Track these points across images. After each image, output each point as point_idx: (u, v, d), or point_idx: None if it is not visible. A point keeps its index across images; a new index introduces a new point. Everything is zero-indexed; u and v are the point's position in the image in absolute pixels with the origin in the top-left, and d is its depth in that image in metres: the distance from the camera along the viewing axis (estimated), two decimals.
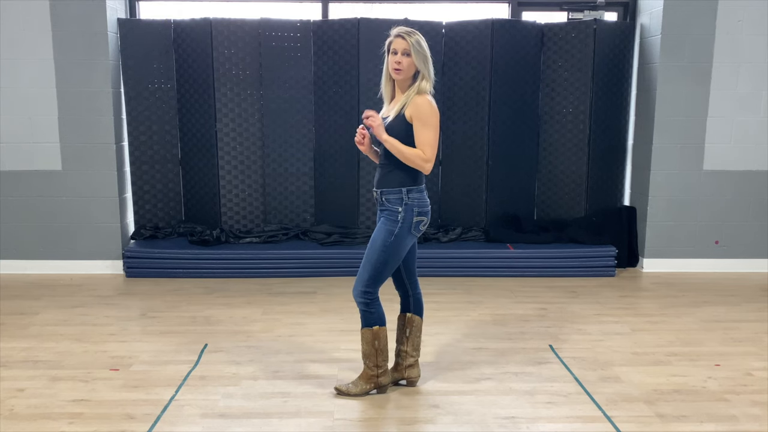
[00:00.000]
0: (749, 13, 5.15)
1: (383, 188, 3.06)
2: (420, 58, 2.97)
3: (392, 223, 3.02)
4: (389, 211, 3.04)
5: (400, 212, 3.02)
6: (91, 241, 5.27)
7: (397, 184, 3.02)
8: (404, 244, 3.05)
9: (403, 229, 3.02)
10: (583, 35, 5.38)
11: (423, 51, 2.96)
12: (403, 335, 3.28)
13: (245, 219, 5.57)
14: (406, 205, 3.02)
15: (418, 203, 3.04)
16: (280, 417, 2.99)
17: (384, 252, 3.03)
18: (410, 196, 3.03)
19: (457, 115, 5.54)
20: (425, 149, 2.95)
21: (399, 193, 3.02)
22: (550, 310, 4.50)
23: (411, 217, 3.02)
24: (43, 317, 4.30)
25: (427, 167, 2.98)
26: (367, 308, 3.10)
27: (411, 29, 3.00)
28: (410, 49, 2.95)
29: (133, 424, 2.91)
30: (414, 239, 3.10)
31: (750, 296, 4.85)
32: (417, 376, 3.30)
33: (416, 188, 3.04)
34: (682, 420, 2.98)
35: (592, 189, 5.61)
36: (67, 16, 4.97)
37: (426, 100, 2.96)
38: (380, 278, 3.07)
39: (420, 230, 3.09)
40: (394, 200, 3.03)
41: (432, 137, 2.95)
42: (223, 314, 4.36)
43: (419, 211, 3.04)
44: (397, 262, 3.08)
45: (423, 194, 3.08)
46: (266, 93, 5.40)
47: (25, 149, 5.14)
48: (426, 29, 5.41)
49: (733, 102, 5.28)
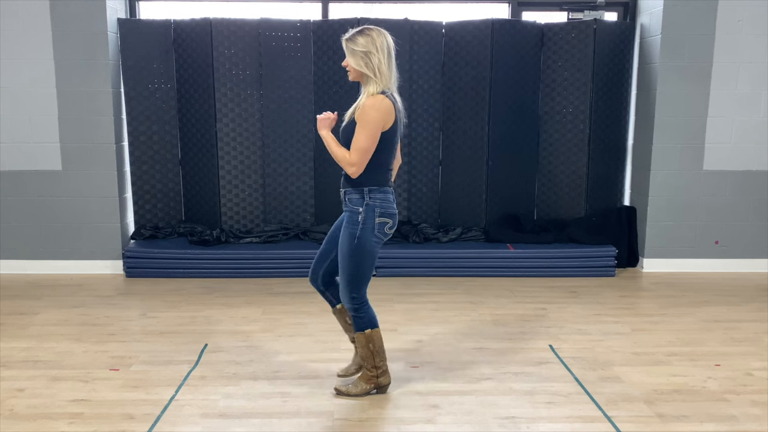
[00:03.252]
0: (749, 13, 5.15)
1: (346, 188, 3.02)
2: (357, 59, 2.90)
3: (353, 226, 2.97)
4: (351, 211, 2.99)
5: (361, 213, 2.96)
6: (91, 241, 5.27)
7: (359, 183, 2.97)
8: (371, 244, 2.98)
9: (366, 231, 2.96)
10: (583, 35, 5.38)
11: (360, 50, 2.88)
12: (347, 324, 3.27)
13: (245, 219, 5.57)
14: (367, 206, 2.96)
15: (381, 204, 2.98)
16: (280, 417, 2.99)
17: (353, 257, 2.98)
18: (372, 196, 2.97)
19: (457, 115, 5.54)
20: (352, 153, 2.88)
21: (360, 192, 2.97)
22: (550, 310, 4.50)
23: (372, 218, 2.96)
24: (43, 317, 4.30)
25: (350, 170, 2.90)
26: (357, 313, 3.09)
27: (363, 28, 2.91)
28: (346, 52, 2.92)
29: (133, 424, 2.91)
30: (380, 242, 3.02)
31: (750, 296, 4.85)
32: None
33: (379, 189, 2.98)
34: (682, 420, 2.98)
35: (592, 189, 5.61)
36: (67, 16, 4.97)
37: (372, 104, 2.86)
38: (360, 282, 3.03)
39: (386, 233, 3.01)
40: (356, 200, 2.98)
41: (363, 141, 2.86)
42: (223, 314, 4.36)
43: (381, 212, 2.98)
44: (372, 261, 3.02)
45: (387, 195, 3.01)
46: (266, 93, 5.40)
47: (25, 149, 5.14)
48: (426, 29, 5.43)
49: (733, 102, 5.28)
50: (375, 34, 2.90)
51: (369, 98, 2.88)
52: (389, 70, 2.92)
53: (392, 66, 2.94)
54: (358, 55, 2.89)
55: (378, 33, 2.91)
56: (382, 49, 2.89)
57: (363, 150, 2.87)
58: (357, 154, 2.88)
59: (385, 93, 2.91)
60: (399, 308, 4.50)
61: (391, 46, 2.94)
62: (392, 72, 2.94)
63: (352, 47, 2.91)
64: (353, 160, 2.89)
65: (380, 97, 2.88)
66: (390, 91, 2.94)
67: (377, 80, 2.90)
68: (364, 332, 3.11)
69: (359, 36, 2.90)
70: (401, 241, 5.48)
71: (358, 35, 2.91)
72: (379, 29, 2.93)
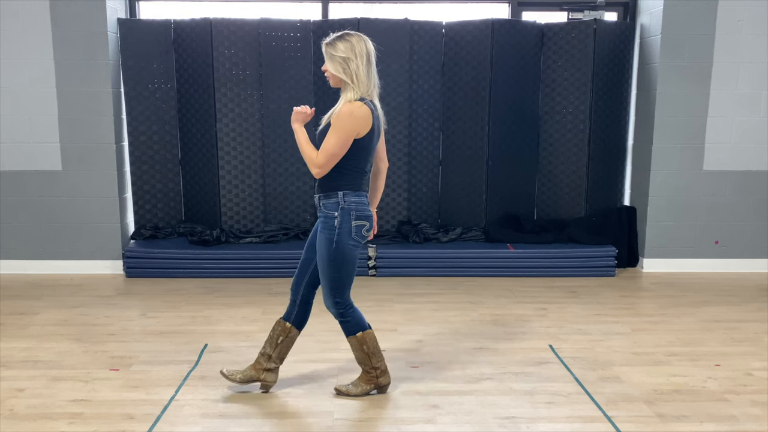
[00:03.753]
0: (749, 13, 5.15)
1: (320, 193, 2.99)
2: (335, 65, 2.88)
3: (330, 231, 2.95)
4: (326, 216, 2.97)
5: (336, 217, 2.94)
6: (91, 241, 5.27)
7: (334, 188, 2.95)
8: (349, 248, 2.96)
9: (342, 235, 2.94)
10: (583, 35, 5.38)
11: (339, 56, 2.86)
12: (275, 341, 3.16)
13: (245, 219, 5.57)
14: (342, 209, 2.94)
15: (356, 207, 2.95)
16: (280, 417, 2.99)
17: (332, 262, 2.96)
18: (347, 199, 2.94)
19: (457, 115, 5.54)
20: (320, 154, 2.86)
21: (335, 197, 2.95)
22: (550, 310, 4.50)
23: (349, 221, 2.94)
24: (43, 317, 4.30)
25: (315, 171, 2.89)
26: (343, 318, 3.08)
27: (343, 34, 2.90)
28: (326, 57, 2.91)
29: (133, 424, 2.91)
30: (359, 245, 3.00)
31: (750, 296, 4.85)
32: (273, 382, 3.20)
33: (353, 192, 2.96)
34: (682, 420, 2.98)
35: (592, 189, 5.61)
36: (67, 16, 4.97)
37: (348, 111, 2.83)
38: (343, 287, 3.02)
39: (363, 236, 2.99)
40: (331, 204, 2.96)
41: (333, 146, 2.84)
42: (223, 314, 4.36)
43: (357, 215, 2.95)
44: (352, 264, 3.00)
45: (362, 198, 2.98)
46: (266, 93, 5.40)
47: (25, 149, 5.14)
48: (426, 29, 5.43)
49: (733, 102, 5.28)
50: (355, 40, 2.88)
51: (346, 104, 2.86)
52: (368, 77, 2.90)
53: (371, 73, 2.92)
54: (337, 60, 2.87)
55: (358, 39, 2.89)
56: (361, 56, 2.87)
57: (331, 154, 2.86)
58: (324, 156, 2.86)
59: (363, 100, 2.89)
60: (399, 308, 4.50)
61: (371, 52, 2.92)
62: (371, 79, 2.92)
63: (331, 52, 2.89)
64: (319, 162, 2.87)
65: (358, 104, 2.86)
66: (369, 98, 2.92)
67: (355, 87, 2.88)
68: (356, 336, 3.10)
69: (339, 41, 2.88)
70: (401, 241, 5.48)
71: (338, 40, 2.88)
72: (359, 35, 2.91)
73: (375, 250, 5.27)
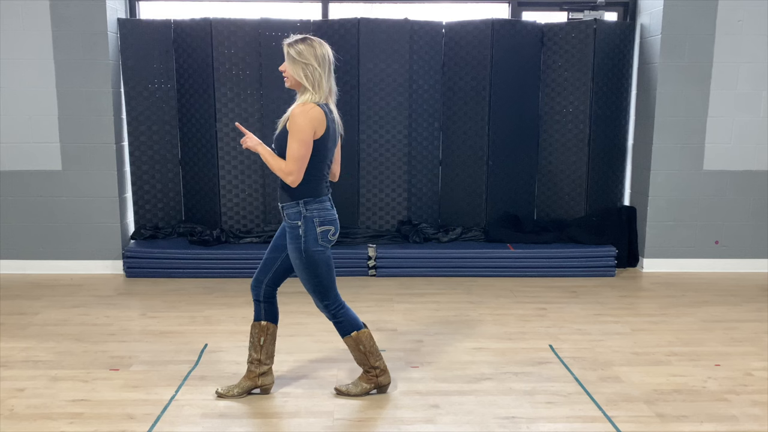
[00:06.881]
0: (749, 13, 5.15)
1: (282, 203, 3.00)
2: (297, 68, 2.87)
3: (296, 240, 2.96)
4: (291, 226, 2.97)
5: (300, 226, 2.94)
6: (91, 241, 5.27)
7: (295, 197, 2.95)
8: (318, 253, 2.96)
9: (309, 242, 2.94)
10: (583, 35, 5.38)
11: (301, 60, 2.86)
12: (258, 344, 3.16)
13: (245, 219, 5.57)
14: (305, 218, 2.94)
15: (319, 214, 2.96)
16: (280, 417, 2.99)
17: (307, 270, 2.98)
18: (308, 207, 2.95)
19: (457, 115, 5.54)
20: (288, 162, 2.86)
21: (297, 206, 2.95)
22: (550, 310, 4.50)
23: (313, 229, 2.94)
24: (43, 317, 4.30)
25: (288, 180, 2.88)
26: (336, 319, 3.09)
27: (305, 37, 2.90)
28: (286, 58, 2.91)
29: (133, 424, 2.91)
30: (327, 248, 2.99)
31: (750, 296, 4.85)
32: (271, 383, 3.21)
33: (315, 200, 2.96)
34: (682, 420, 2.98)
35: (592, 189, 5.61)
36: (67, 16, 4.97)
37: (301, 112, 2.83)
38: (326, 290, 3.03)
39: (330, 240, 2.99)
40: (293, 214, 2.96)
41: (296, 150, 2.83)
42: (223, 314, 4.36)
43: (321, 221, 2.96)
44: (328, 267, 3.00)
45: (324, 204, 2.99)
46: (266, 93, 5.40)
47: (25, 149, 5.14)
48: (426, 29, 5.43)
49: (733, 102, 5.28)
50: (317, 45, 2.89)
51: (298, 106, 2.87)
52: (328, 83, 2.92)
53: (331, 79, 2.94)
54: (299, 65, 2.88)
55: (320, 44, 2.91)
56: (323, 63, 2.89)
57: (297, 158, 2.86)
58: (292, 162, 2.86)
59: (319, 104, 2.89)
60: (399, 308, 4.50)
61: (332, 59, 2.94)
62: (330, 85, 2.94)
63: (293, 55, 2.88)
64: (290, 169, 2.86)
65: (310, 105, 2.86)
66: (326, 104, 2.93)
67: (314, 93, 2.89)
68: (350, 336, 3.11)
69: (301, 44, 2.88)
70: (401, 241, 5.48)
71: (301, 43, 2.88)
72: (320, 41, 2.93)
73: (375, 250, 5.27)
